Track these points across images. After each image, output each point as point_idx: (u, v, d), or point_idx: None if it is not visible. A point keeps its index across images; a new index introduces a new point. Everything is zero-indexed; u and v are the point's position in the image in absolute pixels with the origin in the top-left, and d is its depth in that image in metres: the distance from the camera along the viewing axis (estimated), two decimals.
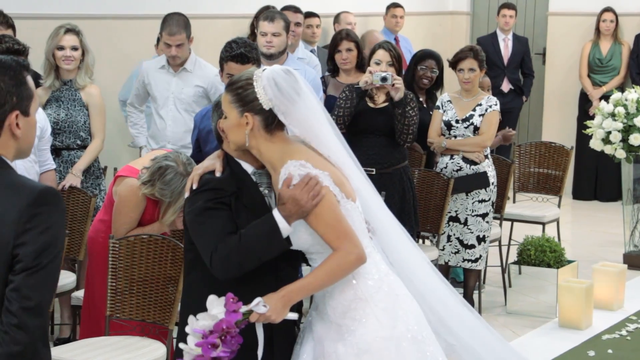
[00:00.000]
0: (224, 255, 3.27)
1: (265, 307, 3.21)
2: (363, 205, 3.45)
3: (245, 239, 3.27)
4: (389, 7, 9.64)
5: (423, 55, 6.88)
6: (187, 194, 3.42)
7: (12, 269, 2.51)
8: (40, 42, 5.98)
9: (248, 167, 3.44)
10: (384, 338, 3.34)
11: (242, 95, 3.31)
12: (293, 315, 3.30)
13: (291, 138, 3.39)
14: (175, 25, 6.23)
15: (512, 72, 10.02)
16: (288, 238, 3.31)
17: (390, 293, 3.41)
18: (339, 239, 3.30)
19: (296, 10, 7.89)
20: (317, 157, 3.36)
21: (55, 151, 5.90)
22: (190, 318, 3.22)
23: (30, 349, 2.52)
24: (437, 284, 3.64)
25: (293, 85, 3.32)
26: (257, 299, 3.22)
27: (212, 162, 3.44)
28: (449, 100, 6.49)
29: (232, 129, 3.33)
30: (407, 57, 8.95)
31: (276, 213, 3.27)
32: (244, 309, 3.18)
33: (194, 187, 3.37)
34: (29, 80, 2.67)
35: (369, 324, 3.35)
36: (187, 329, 3.21)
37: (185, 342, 3.25)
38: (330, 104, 6.65)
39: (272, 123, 3.32)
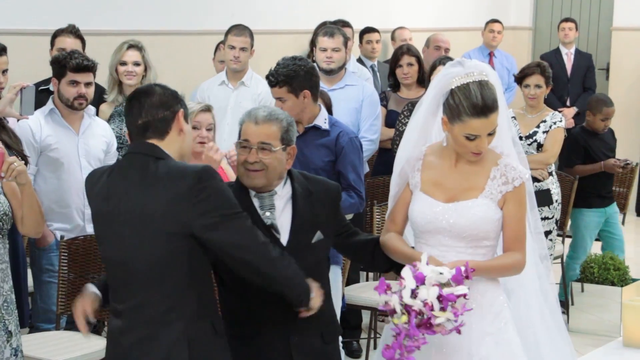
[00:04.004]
0: None
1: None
2: None
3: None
4: (487, 23, 9.62)
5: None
6: None
7: None
8: (108, 58, 6.05)
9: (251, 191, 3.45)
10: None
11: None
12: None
13: None
14: (242, 29, 6.47)
15: (575, 87, 9.88)
16: None
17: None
18: (521, 242, 3.36)
19: (344, 24, 7.87)
20: None
21: None
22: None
23: None
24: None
25: None
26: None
27: None
28: (513, 117, 6.38)
29: None
30: (503, 75, 8.80)
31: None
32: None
33: None
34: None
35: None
36: (405, 274, 3.20)
37: None
38: (391, 119, 6.63)
39: None
